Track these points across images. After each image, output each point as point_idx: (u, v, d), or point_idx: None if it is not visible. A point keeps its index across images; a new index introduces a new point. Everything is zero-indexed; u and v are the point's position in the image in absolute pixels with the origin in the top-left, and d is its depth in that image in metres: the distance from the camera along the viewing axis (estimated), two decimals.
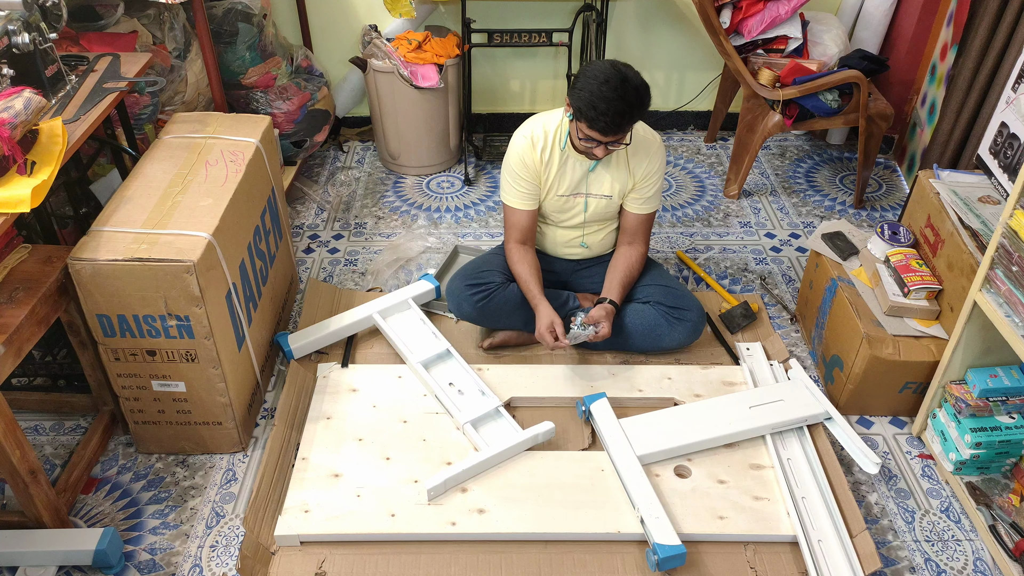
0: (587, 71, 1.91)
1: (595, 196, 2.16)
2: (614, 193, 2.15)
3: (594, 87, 1.86)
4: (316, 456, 1.92)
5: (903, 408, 2.13)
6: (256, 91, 2.81)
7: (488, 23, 3.08)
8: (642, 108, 1.90)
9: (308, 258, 2.73)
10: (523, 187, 2.12)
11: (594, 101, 1.85)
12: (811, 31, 2.96)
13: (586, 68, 1.93)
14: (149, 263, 1.67)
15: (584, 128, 1.92)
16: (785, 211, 3.02)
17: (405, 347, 2.18)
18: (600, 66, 1.90)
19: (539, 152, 2.08)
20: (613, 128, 1.88)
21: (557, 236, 2.26)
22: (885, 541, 1.84)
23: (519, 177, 2.11)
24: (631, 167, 2.11)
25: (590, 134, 1.92)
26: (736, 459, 1.94)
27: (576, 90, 1.90)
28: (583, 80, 1.89)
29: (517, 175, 2.11)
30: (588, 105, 1.86)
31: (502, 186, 2.17)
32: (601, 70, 1.88)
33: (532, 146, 2.08)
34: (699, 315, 2.20)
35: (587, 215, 2.19)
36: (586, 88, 1.87)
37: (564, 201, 2.16)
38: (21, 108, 1.61)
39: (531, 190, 2.13)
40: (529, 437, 1.92)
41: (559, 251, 2.30)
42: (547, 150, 2.09)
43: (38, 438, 2.05)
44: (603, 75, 1.87)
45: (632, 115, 1.89)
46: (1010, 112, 1.94)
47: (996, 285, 1.73)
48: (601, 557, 1.74)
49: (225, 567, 1.76)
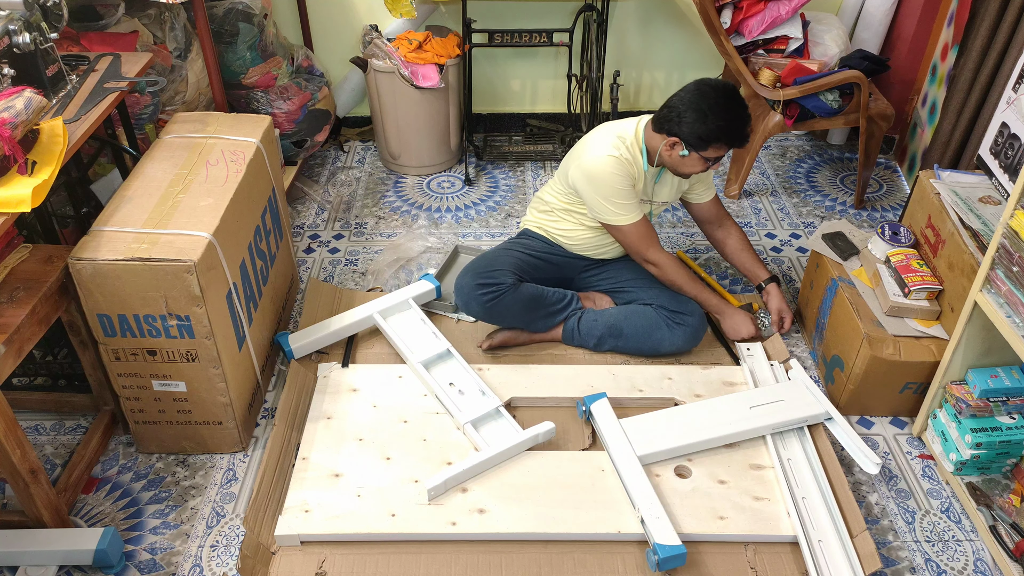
0: (706, 90, 1.99)
1: (658, 203, 2.25)
2: (671, 198, 2.27)
3: (720, 106, 1.96)
4: (316, 456, 1.92)
5: (903, 408, 2.13)
6: (257, 91, 2.81)
7: (489, 23, 3.08)
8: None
9: (309, 258, 2.73)
10: (633, 198, 2.13)
11: (733, 122, 1.97)
12: (812, 31, 2.96)
13: (698, 97, 1.99)
14: (150, 263, 1.67)
15: (716, 150, 2.02)
16: (786, 211, 3.02)
17: (405, 347, 2.18)
18: (715, 85, 2.00)
19: (633, 168, 2.12)
20: (744, 140, 2.02)
21: (603, 240, 2.28)
22: (885, 541, 1.84)
23: (628, 191, 2.11)
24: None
25: (720, 152, 2.03)
26: (736, 459, 1.94)
27: (694, 118, 1.97)
28: (697, 110, 1.97)
29: (624, 191, 2.10)
30: (726, 129, 1.97)
31: (614, 210, 2.12)
32: (719, 88, 1.99)
33: (628, 163, 2.10)
34: (699, 320, 2.20)
35: (653, 222, 2.27)
36: (716, 114, 1.96)
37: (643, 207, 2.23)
38: (22, 108, 1.61)
39: (636, 198, 2.16)
40: (529, 437, 1.93)
41: (590, 252, 2.32)
42: (634, 165, 2.13)
43: (39, 438, 2.05)
44: (725, 92, 1.98)
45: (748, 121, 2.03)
46: (1011, 112, 1.94)
47: (997, 285, 1.73)
48: (601, 557, 1.74)
49: (225, 567, 1.76)
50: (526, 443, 1.93)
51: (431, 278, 2.42)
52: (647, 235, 2.18)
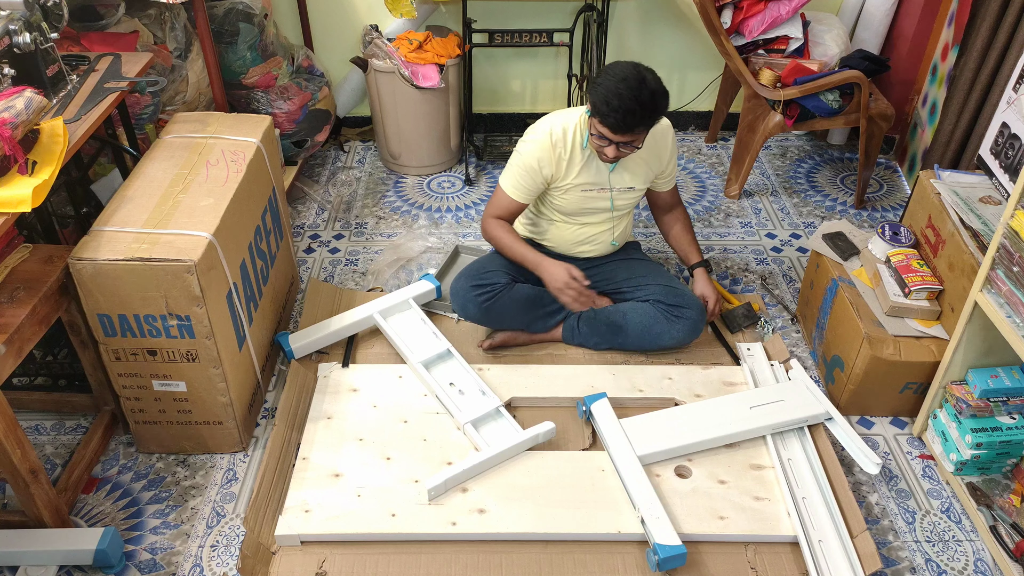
0: (610, 68, 1.93)
1: (619, 190, 2.19)
2: (637, 184, 2.20)
3: (611, 84, 1.87)
4: (317, 456, 1.92)
5: (904, 408, 2.13)
6: (257, 91, 2.81)
7: (489, 23, 3.08)
8: (655, 113, 1.92)
9: (309, 258, 2.73)
10: (528, 183, 2.12)
11: (609, 97, 1.86)
12: (812, 31, 2.96)
13: (609, 66, 1.95)
14: (150, 263, 1.67)
15: (596, 124, 1.94)
16: (786, 211, 3.01)
17: (405, 347, 2.18)
18: (623, 65, 1.93)
19: (558, 153, 2.08)
20: (622, 127, 1.89)
21: (577, 234, 2.26)
22: (886, 541, 1.84)
23: (528, 173, 2.10)
24: (654, 158, 2.17)
25: (601, 130, 1.94)
26: (737, 459, 1.94)
27: (595, 85, 1.91)
28: (603, 76, 1.91)
29: (527, 171, 2.10)
30: (603, 100, 1.88)
31: (507, 171, 2.15)
32: (622, 68, 1.91)
33: (552, 147, 2.08)
34: (699, 313, 2.20)
35: (614, 209, 2.22)
36: (604, 84, 1.89)
37: (588, 198, 2.17)
38: (22, 108, 1.61)
39: (533, 188, 2.13)
40: (529, 437, 1.93)
41: (573, 250, 2.30)
42: (568, 150, 2.09)
43: (39, 438, 2.05)
44: (623, 73, 1.89)
45: (643, 117, 1.90)
46: (1011, 112, 1.94)
47: (997, 285, 1.73)
48: (601, 557, 1.74)
49: (226, 567, 1.76)
50: (526, 443, 1.93)
51: (431, 278, 2.42)
52: (504, 207, 2.16)
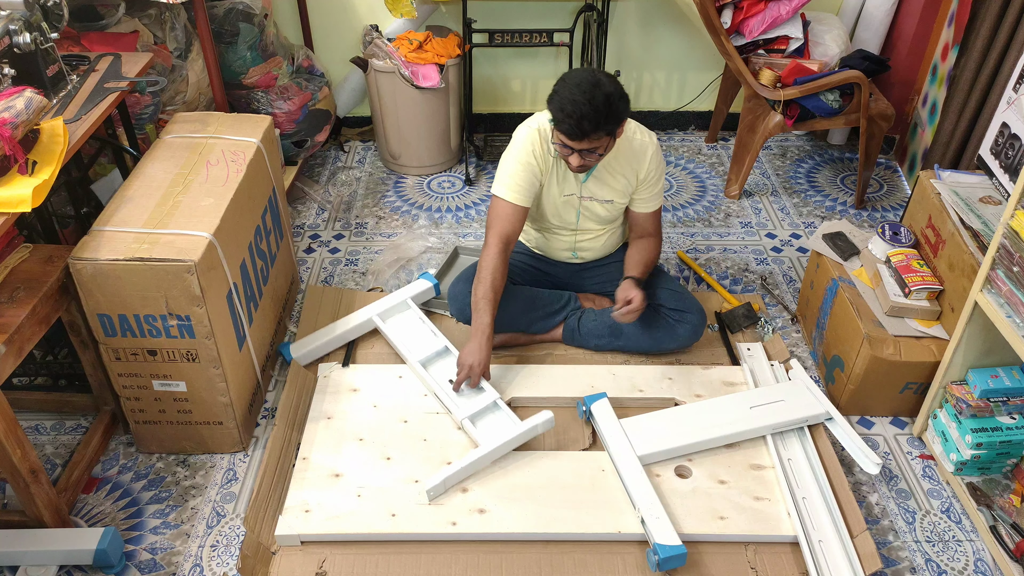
0: (566, 76, 1.91)
1: (592, 200, 2.13)
2: (615, 197, 2.13)
3: (566, 91, 1.85)
4: (317, 456, 1.92)
5: (904, 408, 2.13)
6: (257, 91, 2.81)
7: (489, 23, 3.08)
8: (610, 117, 1.85)
9: (309, 258, 2.73)
10: (525, 180, 2.03)
11: (563, 104, 1.84)
12: (812, 31, 2.96)
13: (566, 74, 1.92)
14: (150, 263, 1.67)
15: (557, 133, 1.91)
16: (786, 211, 3.01)
17: (404, 347, 2.18)
18: (579, 72, 1.91)
19: (546, 147, 2.05)
20: (577, 132, 1.84)
21: (561, 242, 2.26)
22: (886, 541, 1.84)
23: (526, 166, 2.03)
24: (630, 170, 2.10)
25: (560, 138, 1.90)
26: (737, 459, 1.94)
27: (553, 94, 1.89)
28: (559, 84, 1.89)
29: (524, 166, 2.03)
30: (558, 108, 1.85)
31: (498, 178, 2.06)
32: (578, 75, 1.88)
33: (541, 140, 2.04)
34: (700, 316, 2.20)
35: (579, 221, 2.17)
36: (560, 92, 1.86)
37: (560, 206, 2.14)
38: (22, 108, 1.61)
39: (531, 183, 2.05)
40: (528, 429, 1.92)
41: (559, 256, 2.30)
42: (545, 152, 2.06)
43: (39, 437, 2.05)
44: (577, 79, 1.86)
45: (598, 122, 1.84)
46: (1011, 113, 1.94)
47: (997, 285, 1.73)
48: (602, 557, 1.74)
49: (226, 567, 1.76)
50: (525, 435, 1.93)
51: (429, 277, 2.42)
52: (500, 216, 2.05)
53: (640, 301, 2.03)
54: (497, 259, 2.02)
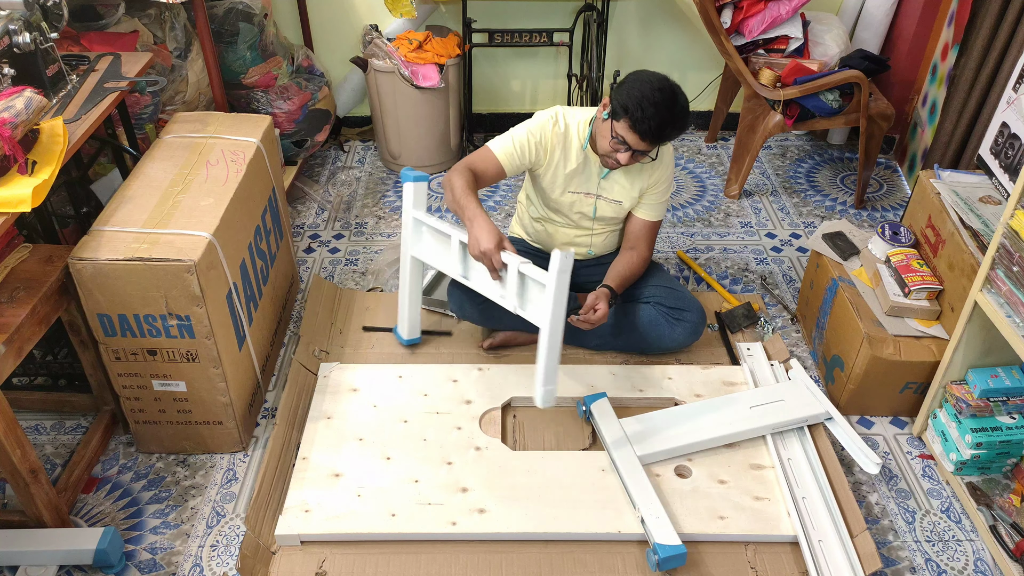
0: (640, 75, 1.91)
1: (606, 200, 2.13)
2: (624, 199, 2.13)
3: (647, 90, 1.85)
4: (317, 456, 1.92)
5: (904, 408, 2.13)
6: (257, 91, 2.81)
7: (489, 23, 3.08)
8: (682, 128, 1.92)
9: (309, 258, 2.73)
10: (515, 151, 2.02)
11: (643, 103, 1.83)
12: (812, 31, 2.96)
13: (639, 72, 1.93)
14: (150, 263, 1.67)
15: (622, 128, 1.88)
16: (786, 211, 3.01)
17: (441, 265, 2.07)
18: (655, 74, 1.92)
19: (554, 145, 2.04)
20: (653, 135, 1.86)
21: (563, 236, 2.25)
22: (886, 541, 1.84)
23: (524, 141, 2.01)
24: (645, 175, 2.10)
25: (625, 135, 1.88)
26: (737, 459, 1.94)
27: (625, 87, 1.88)
28: (635, 81, 1.89)
29: (518, 144, 2.02)
30: (636, 104, 1.84)
31: (501, 137, 2.05)
32: (657, 77, 1.90)
33: (555, 126, 2.04)
34: (699, 316, 2.20)
35: (596, 217, 2.17)
36: (639, 89, 1.86)
37: (576, 200, 2.14)
38: (22, 108, 1.61)
39: (522, 157, 2.03)
40: (555, 275, 1.73)
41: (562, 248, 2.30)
42: (563, 146, 2.05)
43: (39, 437, 2.05)
44: (658, 82, 1.87)
45: (673, 129, 1.89)
46: (1011, 112, 1.94)
47: (997, 285, 1.73)
48: (601, 557, 1.74)
49: (225, 566, 1.76)
50: (559, 285, 1.75)
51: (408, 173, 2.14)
52: (479, 156, 2.02)
53: (603, 316, 2.02)
54: (467, 175, 1.96)
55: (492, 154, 2.03)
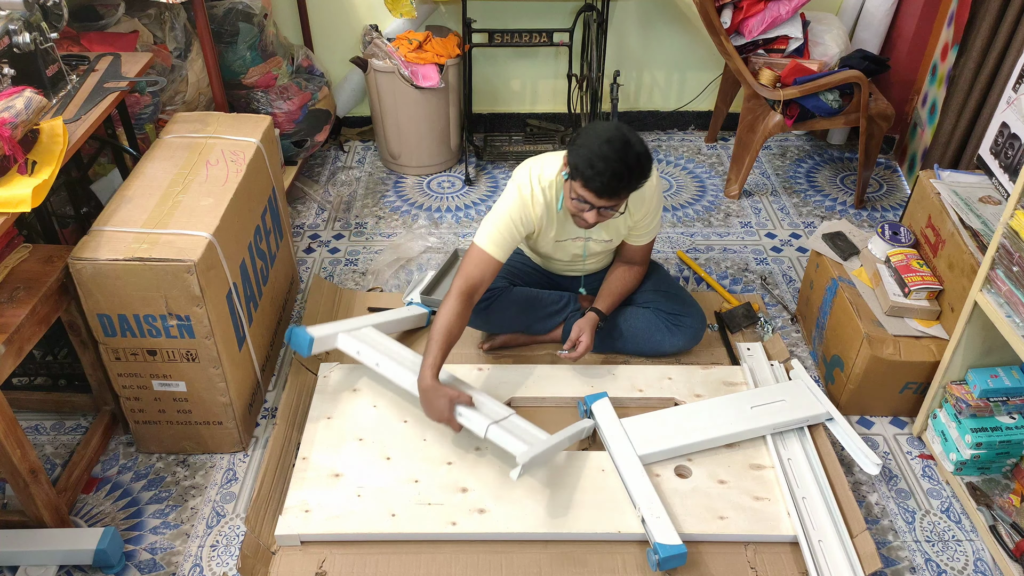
0: (590, 129, 1.79)
1: (595, 240, 2.10)
2: (614, 236, 2.11)
3: (595, 146, 1.74)
4: (317, 456, 1.92)
5: (904, 408, 2.13)
6: (257, 91, 2.81)
7: (489, 23, 3.08)
8: (641, 176, 1.79)
9: (309, 258, 2.73)
10: (508, 233, 1.95)
11: (592, 160, 1.73)
12: (812, 31, 2.96)
13: (589, 126, 1.80)
14: (150, 263, 1.67)
15: (578, 188, 1.80)
16: (786, 211, 3.02)
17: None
18: (604, 125, 1.80)
19: (538, 210, 1.96)
20: (608, 191, 1.76)
21: (557, 267, 2.26)
22: (885, 541, 1.84)
23: (512, 222, 1.94)
24: (629, 211, 2.02)
25: (583, 194, 1.79)
26: (737, 459, 1.94)
27: (576, 147, 1.78)
28: (584, 137, 1.78)
29: (511, 218, 1.94)
30: (586, 163, 1.74)
31: (483, 225, 1.96)
32: (605, 129, 1.77)
33: (533, 201, 1.95)
34: (699, 321, 2.20)
35: (586, 258, 2.17)
36: (586, 146, 1.75)
37: (565, 244, 2.11)
38: (22, 108, 1.61)
39: (514, 238, 1.97)
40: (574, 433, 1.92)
41: (560, 271, 2.30)
42: (545, 208, 1.97)
43: (39, 437, 2.05)
44: (606, 134, 1.75)
45: (629, 181, 1.78)
46: (1011, 112, 1.94)
47: (997, 285, 1.73)
48: (602, 557, 1.74)
49: (225, 567, 1.76)
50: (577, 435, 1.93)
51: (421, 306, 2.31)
52: (474, 261, 1.94)
53: (585, 349, 2.03)
54: (458, 307, 1.91)
55: (486, 255, 1.94)
